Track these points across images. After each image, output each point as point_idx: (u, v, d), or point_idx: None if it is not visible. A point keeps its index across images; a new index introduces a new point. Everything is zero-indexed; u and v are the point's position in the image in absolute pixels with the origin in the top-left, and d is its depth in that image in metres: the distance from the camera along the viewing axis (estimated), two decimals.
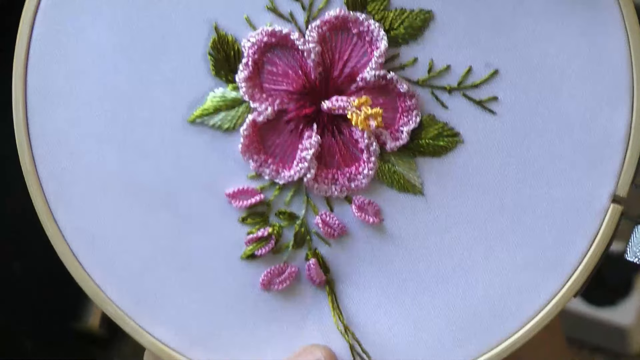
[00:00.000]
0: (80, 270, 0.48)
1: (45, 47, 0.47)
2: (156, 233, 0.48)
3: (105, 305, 0.48)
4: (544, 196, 0.47)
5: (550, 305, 0.47)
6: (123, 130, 0.47)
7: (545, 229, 0.47)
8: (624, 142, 0.47)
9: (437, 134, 0.47)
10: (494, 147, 0.47)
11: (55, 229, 0.48)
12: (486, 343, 0.48)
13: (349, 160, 0.47)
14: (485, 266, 0.47)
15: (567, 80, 0.46)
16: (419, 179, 0.47)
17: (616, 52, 0.46)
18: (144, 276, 0.48)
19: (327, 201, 0.48)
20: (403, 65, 0.47)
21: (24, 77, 0.47)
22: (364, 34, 0.47)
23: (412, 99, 0.47)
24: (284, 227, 0.48)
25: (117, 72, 0.47)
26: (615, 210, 0.47)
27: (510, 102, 0.47)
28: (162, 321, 0.48)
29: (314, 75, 0.47)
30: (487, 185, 0.47)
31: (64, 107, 0.47)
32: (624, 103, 0.46)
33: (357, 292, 0.48)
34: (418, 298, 0.48)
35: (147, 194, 0.48)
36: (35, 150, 0.48)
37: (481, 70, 0.46)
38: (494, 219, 0.47)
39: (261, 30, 0.46)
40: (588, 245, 0.47)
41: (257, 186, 0.48)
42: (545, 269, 0.47)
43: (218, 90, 0.47)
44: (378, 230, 0.48)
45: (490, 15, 0.46)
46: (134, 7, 0.47)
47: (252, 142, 0.47)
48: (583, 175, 0.47)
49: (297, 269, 0.48)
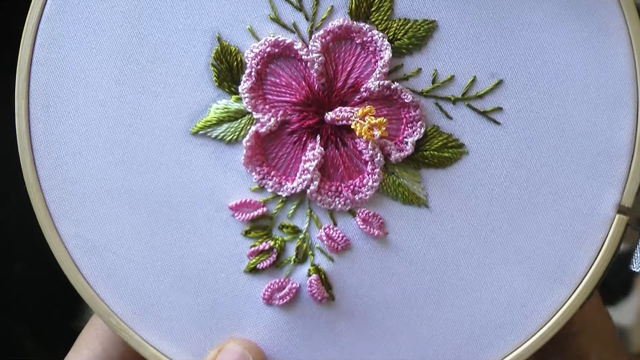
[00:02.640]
0: (82, 279, 0.48)
1: (48, 55, 0.47)
2: (158, 244, 0.48)
3: (106, 316, 0.48)
4: (549, 206, 0.47)
5: (557, 316, 0.47)
6: (125, 140, 0.47)
7: (550, 239, 0.47)
8: (629, 152, 0.46)
9: (441, 145, 0.47)
10: (498, 158, 0.46)
11: (57, 238, 0.48)
12: (492, 356, 0.47)
13: (352, 172, 0.47)
14: (491, 278, 0.47)
15: (571, 89, 0.46)
16: (423, 191, 0.47)
17: (620, 59, 0.46)
18: (145, 287, 0.48)
19: (331, 214, 0.47)
20: (407, 76, 0.46)
21: (27, 87, 0.47)
22: (367, 44, 0.46)
23: (416, 110, 0.46)
24: (286, 241, 0.48)
25: (119, 82, 0.47)
26: (621, 220, 0.47)
27: (514, 113, 0.46)
28: (163, 331, 0.48)
29: (318, 86, 0.46)
30: (492, 196, 0.47)
31: (67, 117, 0.47)
32: (628, 111, 0.46)
33: (361, 306, 0.48)
34: (423, 312, 0.47)
35: (149, 205, 0.47)
36: (37, 160, 0.48)
37: (485, 81, 0.46)
38: (499, 230, 0.47)
39: (264, 41, 0.46)
40: (594, 256, 0.47)
41: (260, 199, 0.47)
42: (552, 280, 0.47)
43: (221, 102, 0.47)
44: (382, 243, 0.47)
45: (493, 24, 0.46)
46: (137, 17, 0.46)
47: (255, 153, 0.47)
48: (588, 185, 0.47)
49: (298, 285, 0.48)
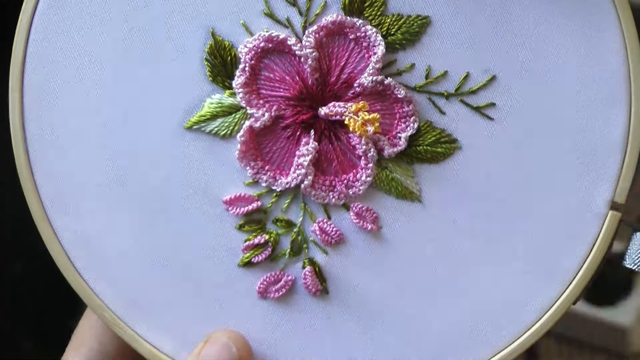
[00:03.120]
0: (75, 274, 0.48)
1: (42, 50, 0.47)
2: (152, 238, 0.48)
3: (100, 310, 0.48)
4: (542, 202, 0.47)
5: (549, 312, 0.47)
6: (119, 135, 0.47)
7: (543, 235, 0.47)
8: (622, 148, 0.46)
9: (435, 140, 0.47)
10: (491, 154, 0.47)
11: (51, 232, 0.48)
12: (484, 352, 0.47)
13: (346, 166, 0.47)
14: (484, 273, 0.47)
15: (564, 85, 0.46)
16: (416, 186, 0.47)
17: (613, 56, 0.46)
18: (139, 281, 0.48)
19: (325, 208, 0.47)
20: (400, 71, 0.46)
21: (21, 81, 0.47)
22: (361, 39, 0.46)
23: (409, 105, 0.46)
24: (281, 235, 0.48)
25: (113, 77, 0.47)
26: (614, 217, 0.47)
27: (507, 108, 0.46)
28: (157, 326, 0.48)
29: (311, 81, 0.47)
30: (485, 191, 0.47)
31: (60, 112, 0.47)
32: (621, 108, 0.46)
33: (355, 299, 0.48)
34: (415, 307, 0.47)
35: (143, 199, 0.48)
36: (31, 154, 0.48)
37: (479, 76, 0.46)
38: (492, 226, 0.47)
39: (258, 36, 0.46)
40: (587, 252, 0.47)
41: (254, 193, 0.47)
42: (544, 276, 0.47)
43: (215, 97, 0.47)
44: (376, 237, 0.47)
45: (487, 20, 0.46)
46: (130, 12, 0.47)
47: (249, 148, 0.47)
48: (581, 181, 0.47)
49: (294, 277, 0.48)
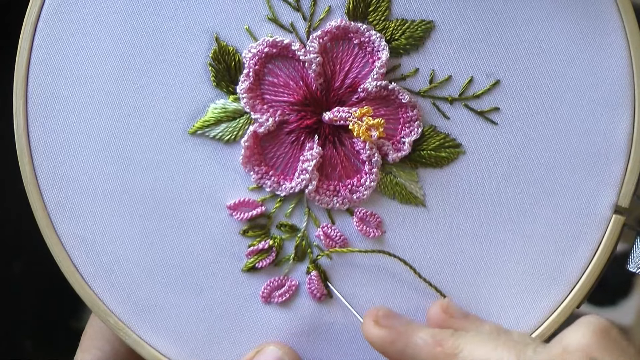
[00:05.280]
0: (80, 279, 0.48)
1: (46, 55, 0.47)
2: (156, 244, 0.48)
3: (105, 315, 0.48)
4: (546, 206, 0.47)
5: (554, 315, 0.47)
6: (123, 140, 0.47)
7: (547, 239, 0.47)
8: (626, 152, 0.47)
9: (438, 144, 0.47)
10: (495, 158, 0.47)
11: (55, 238, 0.48)
12: None
13: (350, 171, 0.47)
14: (487, 277, 0.47)
15: (567, 90, 0.46)
16: (420, 190, 0.47)
17: (617, 59, 0.46)
18: (144, 286, 0.48)
19: (329, 213, 0.48)
20: (404, 76, 0.46)
21: (25, 87, 0.47)
22: (365, 44, 0.46)
23: (413, 110, 0.47)
24: (285, 240, 0.48)
25: (117, 83, 0.47)
26: (618, 221, 0.47)
27: (511, 113, 0.46)
28: (161, 331, 0.48)
29: (315, 86, 0.47)
30: (489, 195, 0.47)
31: (65, 116, 0.47)
32: (625, 112, 0.46)
33: (358, 304, 0.48)
34: (420, 311, 0.47)
35: (147, 205, 0.47)
36: (35, 159, 0.48)
37: (482, 81, 0.46)
38: (495, 230, 0.47)
39: (262, 41, 0.46)
40: (591, 255, 0.47)
41: (258, 198, 0.47)
42: (548, 279, 0.47)
43: (219, 102, 0.47)
44: (380, 242, 0.47)
45: (490, 25, 0.46)
46: (135, 17, 0.47)
47: (253, 153, 0.47)
48: (584, 186, 0.47)
49: (297, 282, 0.48)
